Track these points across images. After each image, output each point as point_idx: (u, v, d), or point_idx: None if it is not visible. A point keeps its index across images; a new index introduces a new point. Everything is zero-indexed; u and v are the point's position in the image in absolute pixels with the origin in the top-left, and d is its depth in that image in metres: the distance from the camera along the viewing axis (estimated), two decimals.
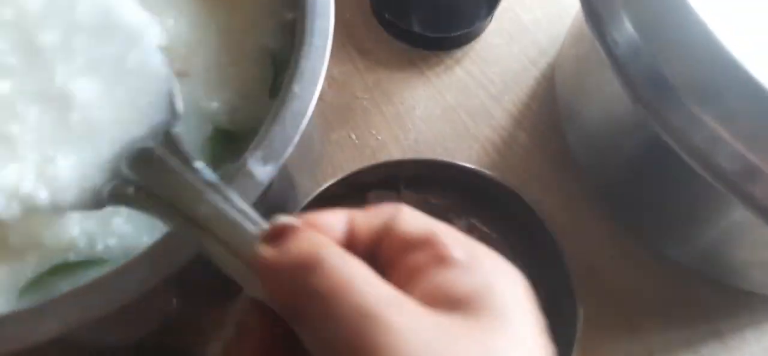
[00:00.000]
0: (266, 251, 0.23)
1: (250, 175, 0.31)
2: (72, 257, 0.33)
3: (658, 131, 0.37)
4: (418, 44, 0.58)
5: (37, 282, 0.32)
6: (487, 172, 0.46)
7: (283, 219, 0.24)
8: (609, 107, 0.46)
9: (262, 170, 0.31)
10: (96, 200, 0.30)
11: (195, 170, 0.28)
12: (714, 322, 0.49)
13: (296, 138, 0.32)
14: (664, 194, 0.45)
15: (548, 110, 0.56)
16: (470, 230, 0.48)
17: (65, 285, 0.31)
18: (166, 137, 0.30)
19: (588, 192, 0.53)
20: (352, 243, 0.24)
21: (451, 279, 0.22)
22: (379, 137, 0.54)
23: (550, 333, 0.44)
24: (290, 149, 0.32)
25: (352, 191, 0.47)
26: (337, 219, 0.24)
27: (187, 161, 0.28)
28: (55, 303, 0.28)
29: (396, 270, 0.23)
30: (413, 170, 0.47)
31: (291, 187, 0.43)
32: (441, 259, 0.22)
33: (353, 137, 0.54)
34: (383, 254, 0.24)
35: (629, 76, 0.38)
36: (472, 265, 0.22)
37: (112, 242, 0.34)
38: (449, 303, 0.21)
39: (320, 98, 0.56)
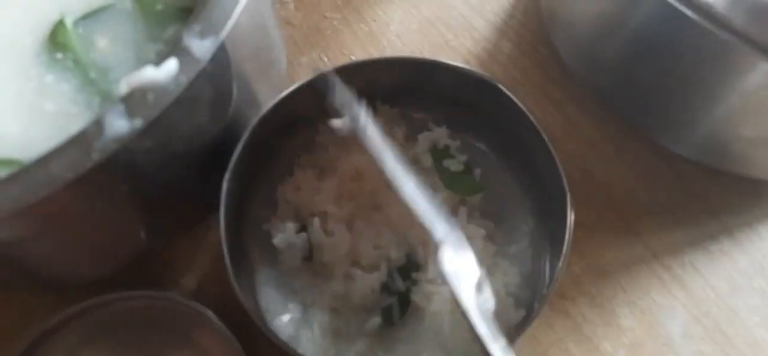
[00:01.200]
0: None
1: (187, 51, 0.28)
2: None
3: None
4: None
5: None
6: (469, 68, 0.42)
7: None
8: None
9: (199, 45, 0.28)
10: None
11: None
12: (722, 218, 0.45)
13: (236, 12, 0.29)
14: (663, 80, 0.41)
15: (534, 17, 0.53)
16: (452, 138, 0.44)
17: None
18: None
19: (580, 96, 0.49)
20: None
21: None
22: (352, 57, 0.51)
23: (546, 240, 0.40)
24: (230, 23, 0.29)
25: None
26: None
27: None
28: None
29: None
30: (388, 79, 0.43)
31: (253, 102, 0.40)
32: None
33: (325, 59, 0.51)
34: None
35: None
36: None
37: None
38: None
39: (288, 22, 0.53)
